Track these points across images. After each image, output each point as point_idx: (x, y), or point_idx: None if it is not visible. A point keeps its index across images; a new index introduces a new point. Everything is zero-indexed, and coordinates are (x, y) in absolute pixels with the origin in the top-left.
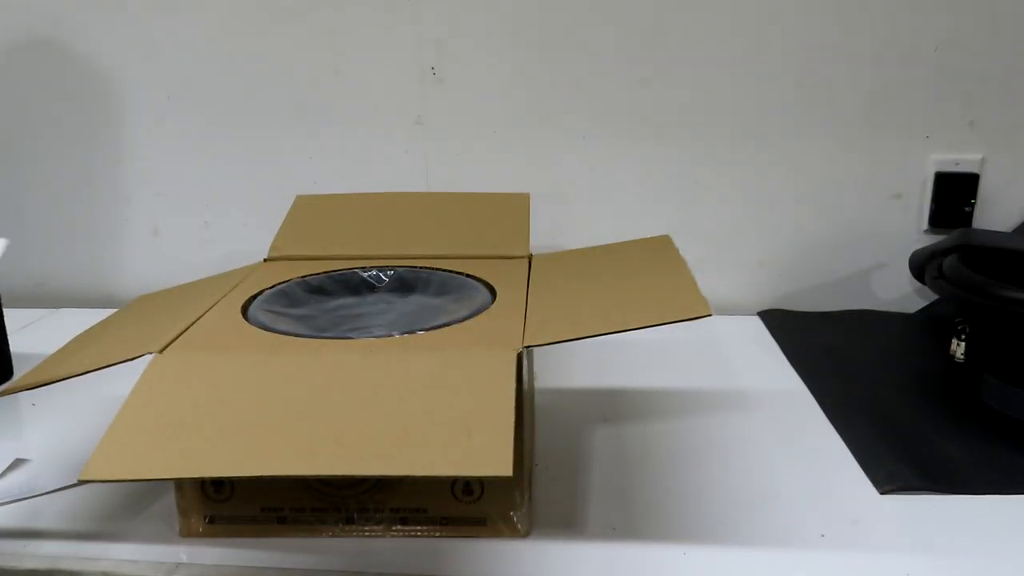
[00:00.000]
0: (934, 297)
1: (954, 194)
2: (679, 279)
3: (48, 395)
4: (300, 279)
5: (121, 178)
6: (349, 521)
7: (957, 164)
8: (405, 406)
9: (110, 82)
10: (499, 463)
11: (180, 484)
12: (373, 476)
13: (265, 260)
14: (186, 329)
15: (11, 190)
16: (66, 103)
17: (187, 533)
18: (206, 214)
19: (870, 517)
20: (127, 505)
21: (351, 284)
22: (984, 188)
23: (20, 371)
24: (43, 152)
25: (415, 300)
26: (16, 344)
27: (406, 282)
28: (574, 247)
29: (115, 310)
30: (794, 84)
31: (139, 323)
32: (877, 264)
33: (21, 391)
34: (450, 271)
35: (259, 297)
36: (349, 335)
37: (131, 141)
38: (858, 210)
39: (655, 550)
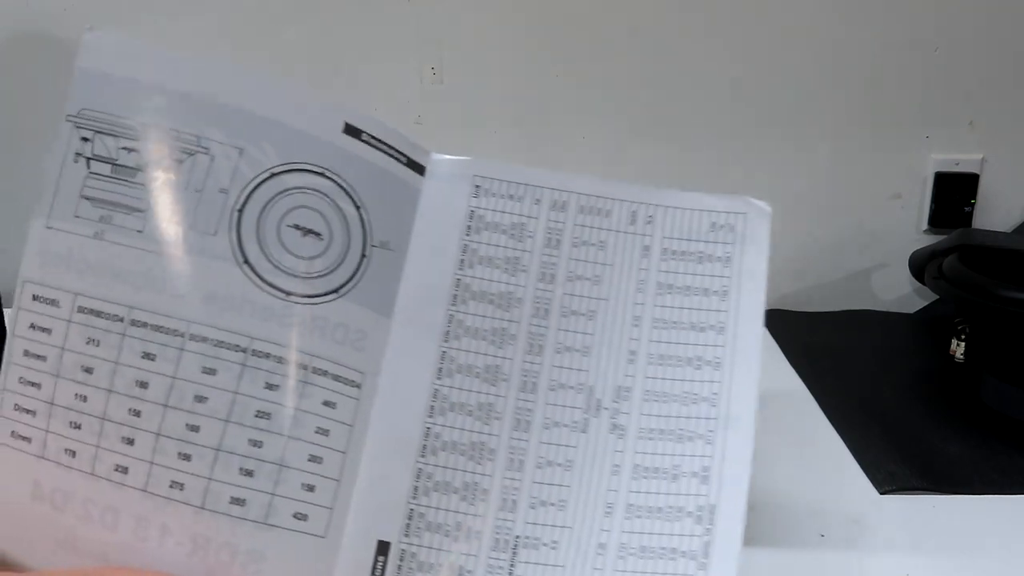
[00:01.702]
0: (934, 297)
1: (954, 194)
2: None
3: None
4: None
5: None
6: None
7: (957, 164)
8: None
9: None
10: None
11: None
12: None
13: None
14: None
15: (13, 189)
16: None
17: None
18: None
19: (870, 517)
20: None
21: None
22: (984, 188)
23: None
24: (45, 151)
25: None
26: None
27: None
28: None
29: None
30: (794, 84)
31: None
32: (877, 264)
33: None
34: None
35: None
36: None
37: None
38: (858, 210)
39: None
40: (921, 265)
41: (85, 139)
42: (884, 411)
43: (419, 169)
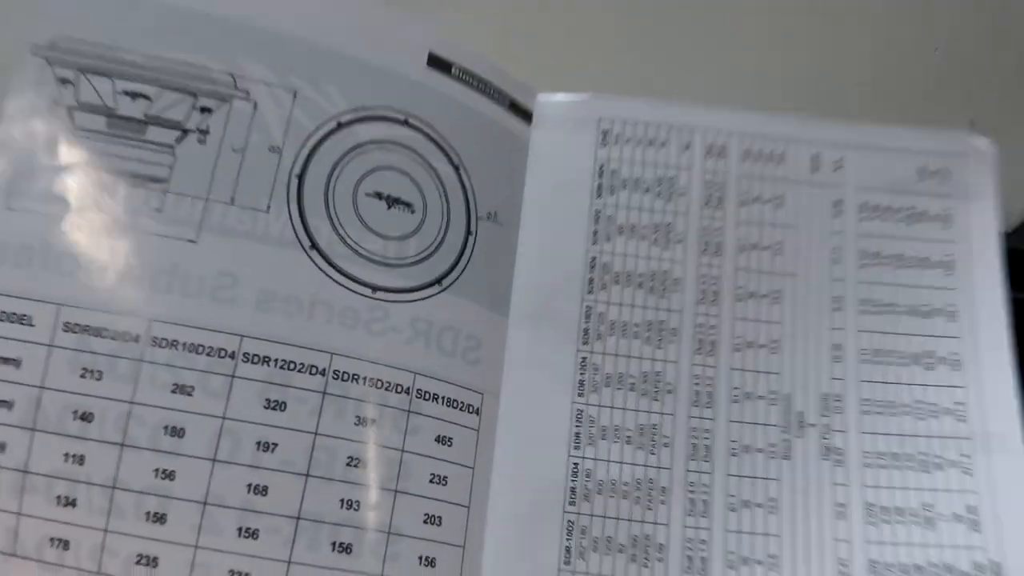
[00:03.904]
0: None
1: None
2: None
3: None
4: None
5: None
6: None
7: None
8: None
9: None
10: None
11: None
12: None
13: None
14: None
15: None
16: None
17: None
18: None
19: None
20: None
21: None
22: None
23: None
24: None
25: None
26: None
27: None
28: None
29: None
30: (793, 84)
31: None
32: None
33: None
34: None
35: None
36: None
37: None
38: None
39: None
40: None
41: (65, 81)
42: None
43: (523, 114)
